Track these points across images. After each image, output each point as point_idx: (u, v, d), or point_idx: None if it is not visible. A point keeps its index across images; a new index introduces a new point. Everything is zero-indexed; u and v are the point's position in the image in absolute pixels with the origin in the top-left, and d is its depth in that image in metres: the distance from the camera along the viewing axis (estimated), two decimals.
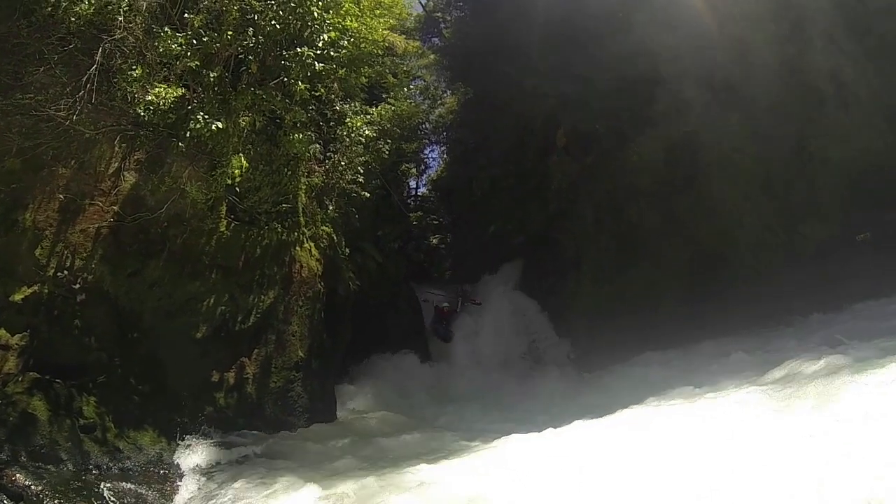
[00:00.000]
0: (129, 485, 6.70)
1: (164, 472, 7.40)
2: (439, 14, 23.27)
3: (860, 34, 11.50)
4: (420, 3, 24.10)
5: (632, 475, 5.19)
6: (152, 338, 8.35)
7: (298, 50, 9.31)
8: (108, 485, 6.42)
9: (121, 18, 8.44)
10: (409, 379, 14.75)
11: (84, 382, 7.28)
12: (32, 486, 5.83)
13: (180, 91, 8.81)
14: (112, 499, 6.15)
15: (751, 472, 4.58)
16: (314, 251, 11.80)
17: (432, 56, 20.61)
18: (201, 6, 9.22)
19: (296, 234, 11.10)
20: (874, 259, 10.90)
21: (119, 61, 8.50)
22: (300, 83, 9.47)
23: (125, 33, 8.56)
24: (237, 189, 9.86)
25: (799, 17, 11.91)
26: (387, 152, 14.52)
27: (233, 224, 9.77)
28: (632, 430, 6.45)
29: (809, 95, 12.14)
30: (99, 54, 8.20)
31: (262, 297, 10.00)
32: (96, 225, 8.16)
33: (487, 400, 14.55)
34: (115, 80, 8.26)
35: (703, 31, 13.20)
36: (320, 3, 9.54)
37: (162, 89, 8.66)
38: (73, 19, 8.00)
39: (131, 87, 8.20)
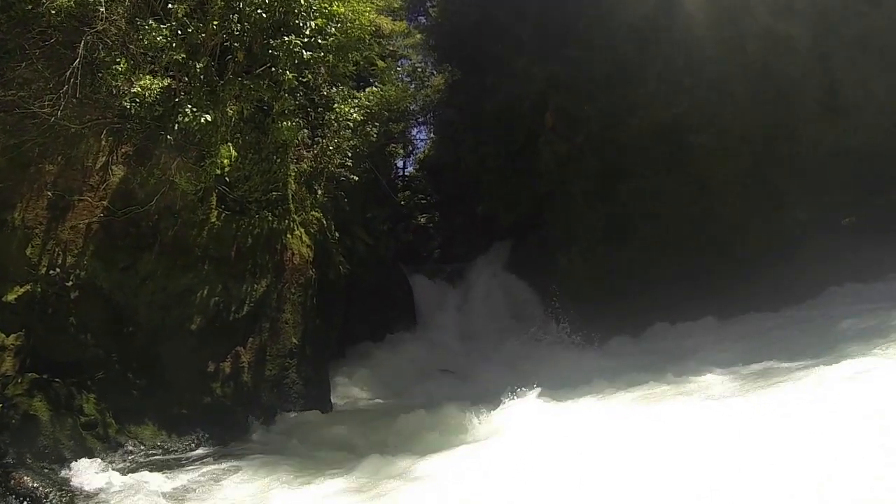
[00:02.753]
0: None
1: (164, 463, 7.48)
2: None
3: (845, 24, 11.51)
4: None
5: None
6: (148, 331, 8.40)
7: (286, 38, 9.21)
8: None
9: (102, 9, 8.30)
10: (402, 360, 14.89)
11: (82, 380, 7.35)
12: (41, 488, 5.90)
13: (166, 82, 8.74)
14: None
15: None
16: (305, 237, 11.81)
17: (418, 35, 20.37)
18: None
19: (286, 221, 11.10)
20: (859, 242, 11.09)
21: (102, 54, 8.39)
22: (288, 72, 9.38)
23: (107, 24, 8.44)
24: (227, 179, 9.81)
25: (787, 7, 11.90)
26: (375, 135, 14.46)
27: (223, 214, 9.77)
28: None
29: (797, 82, 12.19)
30: (81, 47, 8.08)
31: (255, 286, 10.04)
32: (86, 221, 8.15)
33: (479, 379, 14.70)
34: (99, 73, 8.16)
35: (694, 15, 13.15)
36: None
37: (147, 81, 8.58)
38: (53, 12, 7.87)
39: (116, 80, 8.10)
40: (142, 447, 7.54)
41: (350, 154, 13.41)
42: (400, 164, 25.11)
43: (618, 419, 6.75)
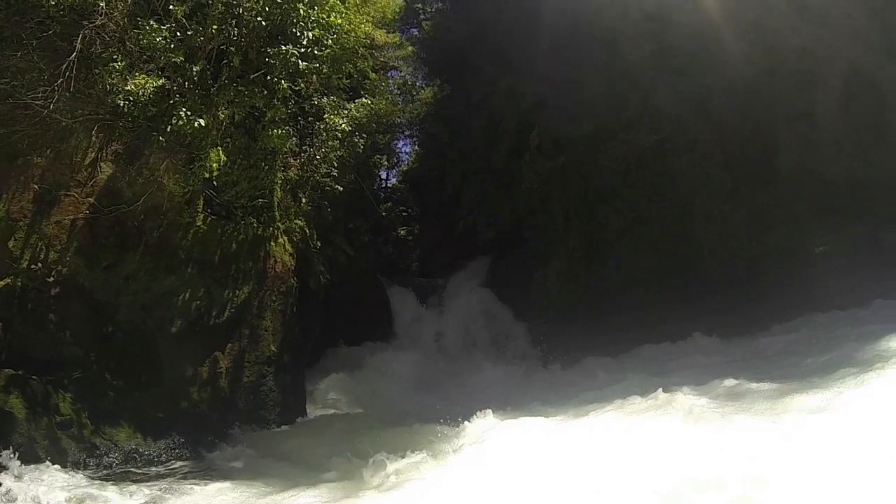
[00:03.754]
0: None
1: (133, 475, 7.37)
2: (419, 5, 23.18)
3: (830, 58, 11.95)
4: None
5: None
6: (127, 332, 8.32)
7: (283, 48, 9.27)
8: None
9: (102, 5, 8.29)
10: (378, 372, 14.86)
11: (59, 378, 7.24)
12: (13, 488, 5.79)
13: (160, 82, 8.73)
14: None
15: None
16: (288, 246, 11.81)
17: (410, 48, 20.56)
18: None
19: (271, 229, 11.10)
20: (833, 271, 11.47)
21: (99, 49, 8.37)
22: (283, 82, 9.44)
23: (106, 20, 8.42)
24: (214, 183, 9.84)
25: (774, 33, 12.31)
26: (362, 147, 14.54)
27: (209, 218, 9.75)
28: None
29: (778, 112, 12.59)
30: (79, 41, 8.05)
31: (237, 291, 10.01)
32: (72, 217, 8.08)
33: (452, 395, 14.75)
34: (96, 69, 8.13)
35: (679, 43, 13.53)
36: (306, 0, 9.51)
37: (142, 79, 8.57)
38: (52, 3, 7.84)
39: (112, 78, 8.07)
40: (116, 450, 7.42)
41: (336, 164, 13.47)
42: (383, 175, 25.20)
43: (590, 438, 6.87)
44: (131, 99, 8.35)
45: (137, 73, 8.47)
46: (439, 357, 17.02)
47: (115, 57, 8.18)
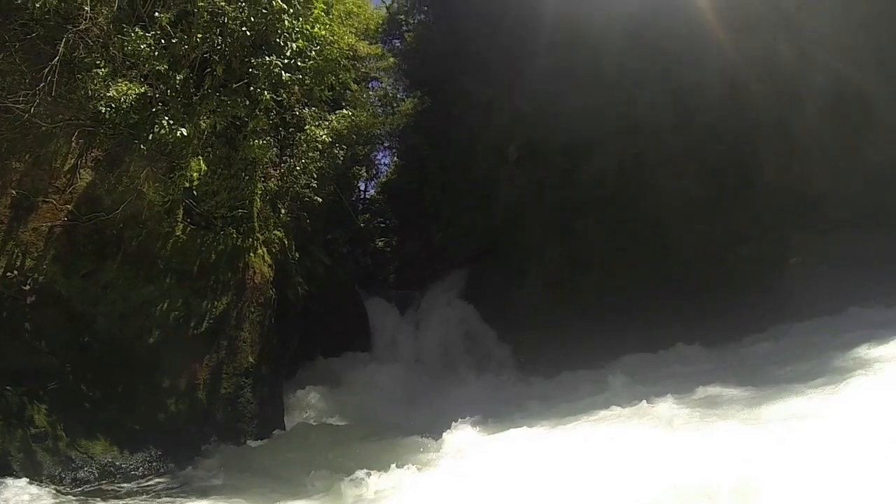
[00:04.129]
0: None
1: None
2: (402, 17, 23.30)
3: (804, 76, 12.34)
4: (384, 2, 24.10)
5: None
6: (105, 342, 8.18)
7: (266, 59, 9.26)
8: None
9: (87, 8, 8.21)
10: (356, 384, 14.78)
11: (35, 389, 7.07)
12: None
13: (142, 89, 8.66)
14: None
15: None
16: (267, 257, 11.75)
17: (392, 59, 20.66)
18: (169, 2, 9.06)
19: (250, 239, 11.03)
20: (808, 280, 11.80)
21: (83, 54, 8.27)
22: (266, 92, 9.42)
23: (90, 24, 8.34)
24: (195, 192, 9.74)
25: (752, 49, 12.67)
26: (342, 158, 14.55)
27: (189, 228, 9.66)
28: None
29: (753, 127, 12.94)
30: (62, 45, 7.96)
31: (216, 302, 9.91)
32: (49, 223, 7.94)
33: (433, 404, 14.73)
34: (78, 74, 8.03)
35: (659, 59, 13.83)
36: (291, 11, 9.53)
37: (124, 86, 8.49)
38: (37, 6, 7.74)
39: (95, 84, 7.99)
40: (92, 463, 7.26)
41: (316, 175, 13.45)
42: (362, 186, 25.19)
43: (571, 447, 6.94)
44: (113, 105, 8.26)
45: (120, 80, 8.38)
46: (418, 369, 16.99)
47: (98, 62, 8.09)
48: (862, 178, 11.66)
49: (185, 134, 8.46)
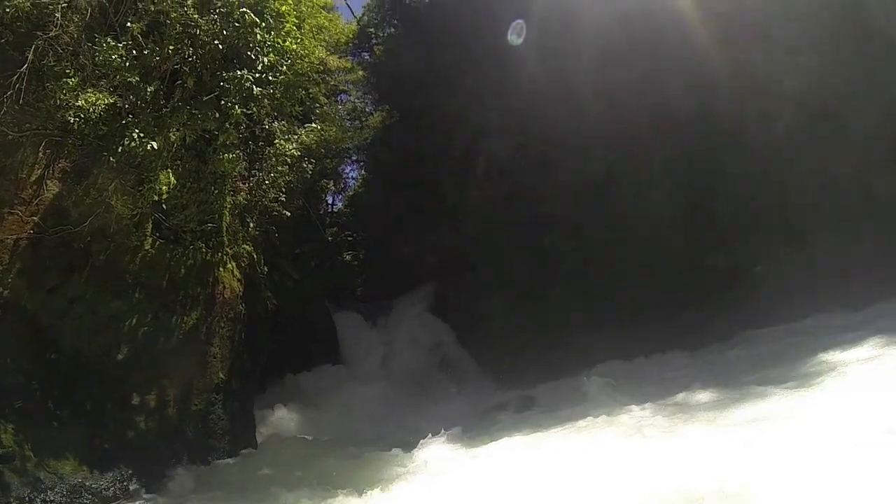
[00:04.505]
0: None
1: None
2: (372, 29, 23.38)
3: (769, 91, 12.84)
4: (353, 14, 24.16)
5: None
6: (72, 358, 7.95)
7: (238, 72, 9.21)
8: None
9: (58, 16, 8.07)
10: (325, 398, 14.67)
11: (0, 407, 6.83)
12: None
13: (111, 99, 8.52)
14: None
15: None
16: (236, 272, 11.62)
17: (361, 72, 20.70)
18: (140, 9, 8.96)
19: (220, 254, 10.91)
20: (770, 289, 12.20)
21: (52, 62, 8.11)
22: (237, 107, 9.37)
23: (60, 31, 8.19)
24: (164, 206, 9.58)
25: (718, 67, 13.16)
26: (310, 172, 14.50)
27: (158, 242, 9.52)
28: None
29: (719, 140, 13.39)
30: (31, 52, 7.80)
31: (185, 317, 9.76)
32: (15, 236, 7.73)
33: (402, 419, 14.71)
34: (48, 83, 7.86)
35: (627, 77, 14.21)
36: (263, 25, 9.52)
37: (92, 95, 8.33)
38: (7, 11, 7.58)
39: (65, 94, 7.84)
40: (61, 484, 7.03)
41: (284, 189, 13.38)
42: (329, 199, 25.08)
43: (547, 457, 7.04)
44: (82, 116, 8.10)
45: (89, 90, 8.24)
46: (386, 383, 16.95)
47: (67, 72, 7.94)
48: (827, 190, 12.11)
49: (156, 147, 8.33)
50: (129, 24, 8.40)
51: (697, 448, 5.56)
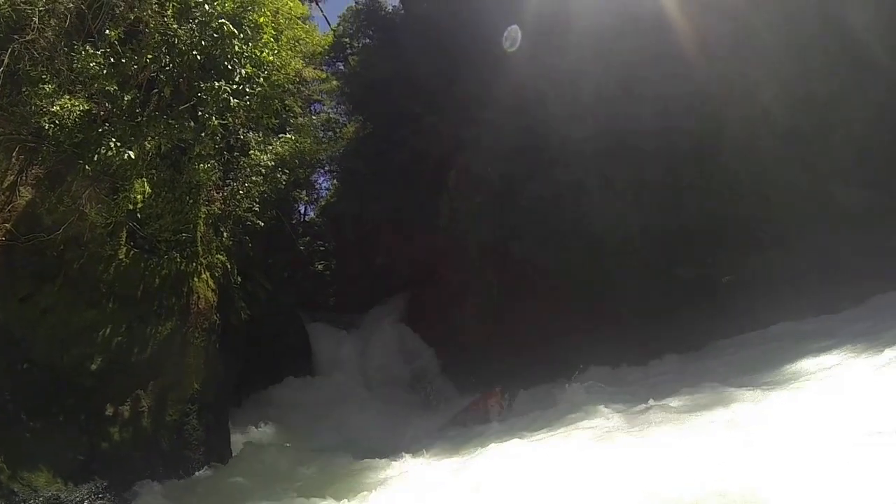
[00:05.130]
0: None
1: None
2: (347, 39, 23.46)
3: (732, 107, 13.25)
4: (328, 22, 24.23)
5: None
6: (44, 368, 7.81)
7: (216, 84, 9.21)
8: None
9: (36, 20, 7.98)
10: (299, 409, 14.60)
11: None
12: None
13: (86, 106, 8.44)
14: None
15: None
16: (210, 282, 11.57)
17: (335, 82, 20.72)
18: (118, 16, 8.91)
19: (194, 264, 10.86)
20: (737, 299, 12.56)
21: (28, 66, 8.01)
22: (214, 118, 9.36)
23: (37, 35, 8.10)
24: (138, 215, 9.50)
25: (678, 86, 13.54)
26: (284, 182, 14.50)
27: (132, 251, 9.44)
28: None
29: (685, 158, 13.75)
30: (7, 56, 7.70)
31: (160, 328, 9.69)
32: None
33: (374, 428, 14.71)
34: (23, 87, 7.76)
35: (598, 91, 14.53)
36: (241, 36, 9.56)
37: (67, 101, 8.24)
38: None
39: (41, 100, 7.75)
40: (35, 497, 6.89)
41: (258, 199, 13.36)
42: (302, 208, 24.98)
43: (521, 467, 7.17)
44: (57, 122, 8.01)
45: (65, 96, 8.16)
46: (361, 393, 16.93)
47: (44, 77, 7.85)
48: (793, 202, 12.47)
49: (133, 157, 8.27)
50: (106, 31, 8.33)
51: (672, 451, 5.73)
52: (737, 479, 4.52)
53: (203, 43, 9.06)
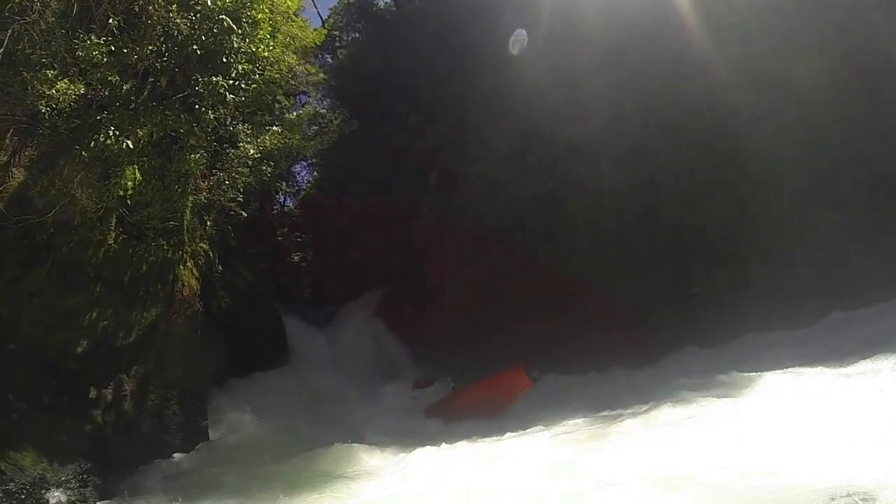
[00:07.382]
0: None
1: None
2: (336, 33, 23.49)
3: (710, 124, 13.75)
4: (321, 20, 24.21)
5: None
6: (30, 351, 7.91)
7: (213, 79, 9.35)
8: None
9: (38, 2, 8.04)
10: (275, 397, 14.75)
11: None
12: None
13: (82, 89, 8.51)
14: None
15: None
16: (194, 270, 11.70)
17: (322, 75, 20.80)
18: (118, 4, 8.98)
19: (180, 252, 10.98)
20: (708, 309, 13.06)
21: (26, 48, 8.06)
22: (210, 112, 9.51)
23: (38, 17, 8.15)
24: (128, 202, 9.62)
25: (651, 100, 14.01)
26: (269, 174, 14.60)
27: (121, 237, 9.53)
28: None
29: (662, 169, 14.22)
30: (7, 37, 7.75)
31: (145, 314, 9.82)
32: None
33: (348, 423, 14.91)
34: (21, 69, 7.82)
35: (580, 98, 14.93)
36: (240, 32, 9.71)
37: (63, 84, 8.31)
38: None
39: (42, 84, 7.82)
40: (22, 475, 7.02)
41: (242, 190, 13.48)
42: (281, 199, 25.01)
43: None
44: (53, 105, 8.08)
45: (63, 79, 8.23)
46: (333, 386, 17.11)
47: (44, 61, 7.91)
48: (766, 218, 12.93)
49: (131, 146, 8.39)
50: (109, 20, 8.42)
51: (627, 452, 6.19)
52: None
53: (203, 38, 9.20)
